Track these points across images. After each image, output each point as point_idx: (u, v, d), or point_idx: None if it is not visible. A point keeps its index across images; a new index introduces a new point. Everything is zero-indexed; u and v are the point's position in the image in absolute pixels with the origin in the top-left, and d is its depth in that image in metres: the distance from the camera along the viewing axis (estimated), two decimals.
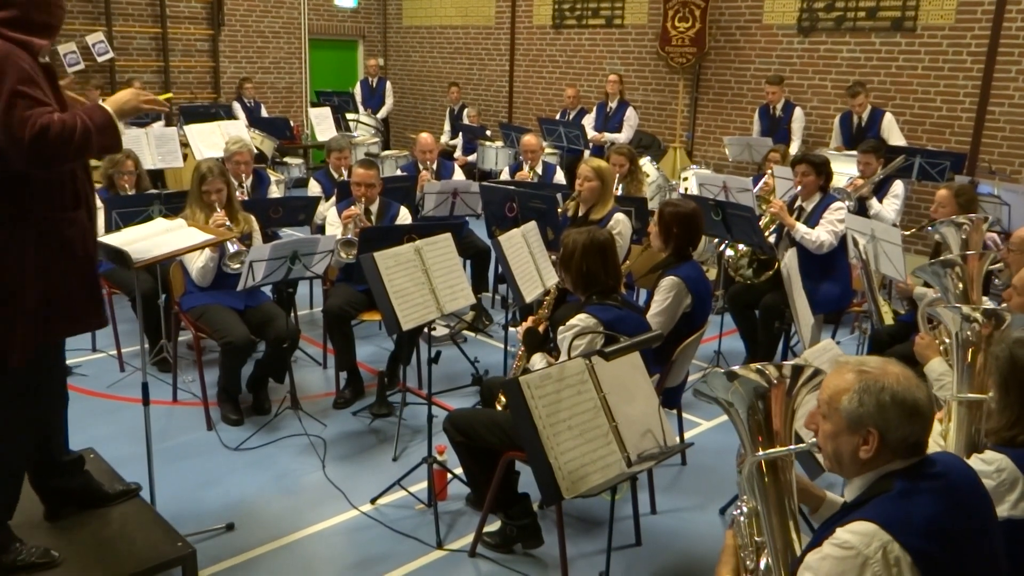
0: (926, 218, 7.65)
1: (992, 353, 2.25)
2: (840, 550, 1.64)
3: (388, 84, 11.86)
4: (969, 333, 2.36)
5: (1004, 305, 3.01)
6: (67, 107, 2.55)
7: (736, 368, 1.91)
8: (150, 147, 7.07)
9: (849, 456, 1.78)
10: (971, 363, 2.37)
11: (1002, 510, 2.08)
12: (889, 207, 6.03)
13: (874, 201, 6.04)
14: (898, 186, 6.13)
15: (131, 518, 3.01)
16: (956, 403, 2.37)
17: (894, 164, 6.23)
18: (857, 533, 1.64)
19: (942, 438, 2.40)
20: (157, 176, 7.76)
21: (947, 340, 2.99)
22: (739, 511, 1.94)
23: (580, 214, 5.05)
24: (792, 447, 1.89)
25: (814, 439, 1.87)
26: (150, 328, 4.86)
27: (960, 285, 2.94)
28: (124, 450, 3.69)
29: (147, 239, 3.11)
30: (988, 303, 3.11)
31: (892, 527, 1.63)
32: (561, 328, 3.22)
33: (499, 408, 3.52)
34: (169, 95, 3.35)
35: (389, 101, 11.76)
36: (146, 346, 3.61)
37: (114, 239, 3.12)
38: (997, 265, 4.05)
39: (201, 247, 3.47)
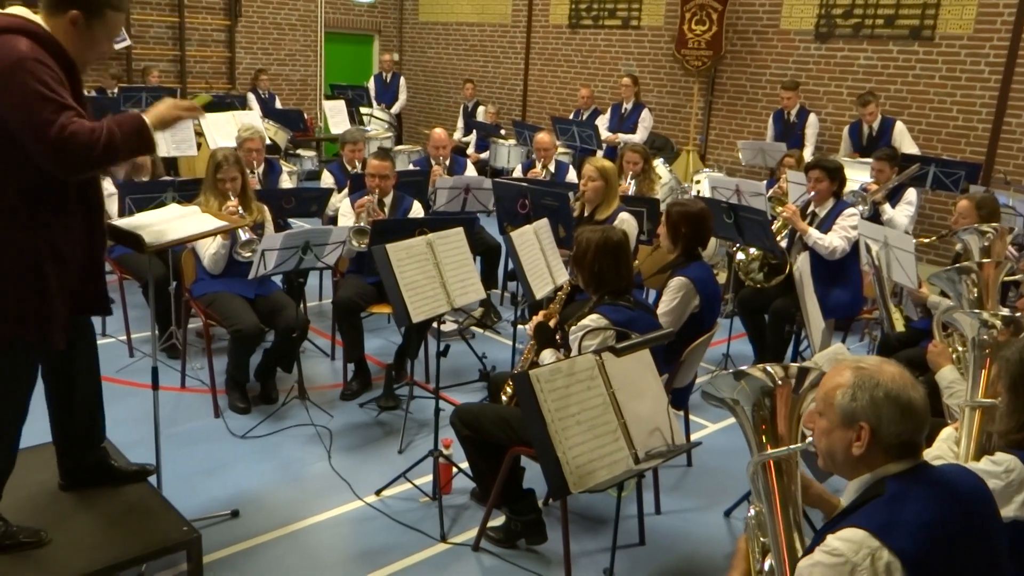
0: (939, 227, 7.63)
1: (1003, 356, 2.25)
2: (830, 557, 1.64)
3: (402, 80, 11.88)
4: (986, 338, 2.35)
5: (1019, 314, 3.00)
6: (87, 109, 2.54)
7: (743, 368, 1.92)
8: (164, 135, 7.08)
9: (842, 453, 1.78)
10: (985, 369, 2.36)
11: (1009, 511, 2.08)
12: (902, 213, 6.01)
13: (887, 206, 6.02)
14: (911, 193, 6.10)
15: (137, 502, 3.01)
16: (969, 409, 2.36)
17: (908, 172, 6.20)
18: (846, 540, 1.63)
19: (956, 445, 2.39)
20: (171, 164, 7.79)
21: (960, 348, 2.98)
22: (750, 513, 1.95)
23: (585, 214, 5.04)
24: (791, 447, 1.89)
25: (811, 437, 1.87)
26: (160, 314, 4.87)
27: (975, 291, 2.93)
28: (132, 434, 3.70)
29: (161, 224, 3.12)
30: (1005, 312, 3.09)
31: (882, 533, 1.62)
32: (572, 328, 3.22)
33: (504, 400, 3.52)
34: (206, 99, 3.36)
35: (403, 97, 11.78)
36: (156, 332, 3.62)
37: (128, 223, 3.13)
38: (1016, 277, 4.02)
39: (214, 233, 3.47)
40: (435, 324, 3.84)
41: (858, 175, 6.44)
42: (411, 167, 7.04)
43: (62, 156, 2.33)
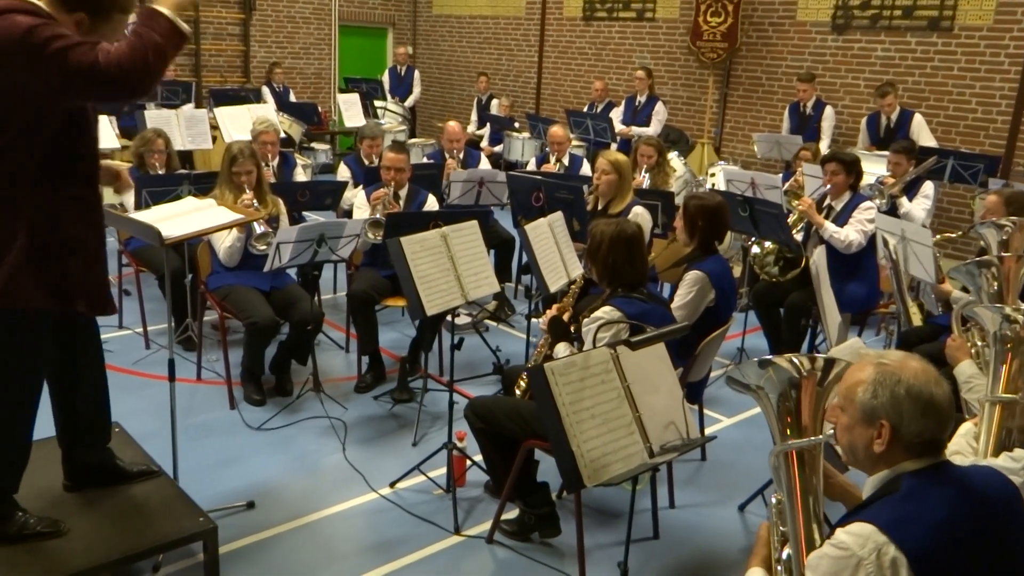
0: (957, 221, 7.56)
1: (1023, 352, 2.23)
2: (836, 550, 1.64)
3: (416, 73, 11.86)
4: (1008, 332, 2.33)
5: None
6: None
7: (769, 356, 1.91)
8: (180, 128, 7.14)
9: (863, 449, 1.77)
10: (1006, 364, 2.34)
11: None
12: (919, 206, 5.96)
13: (904, 200, 5.96)
14: (928, 186, 6.04)
15: (154, 493, 3.03)
16: (988, 404, 2.34)
17: (925, 165, 6.14)
18: (853, 534, 1.63)
19: (975, 440, 2.37)
20: (186, 157, 7.84)
21: (979, 343, 2.95)
22: (773, 501, 1.95)
23: (599, 207, 5.03)
24: (812, 439, 1.88)
25: (833, 430, 1.87)
26: (176, 307, 4.90)
27: (995, 285, 2.90)
28: (148, 426, 3.73)
29: (177, 217, 3.14)
30: None
31: (890, 529, 1.61)
32: (586, 320, 3.21)
33: (518, 394, 3.52)
34: None
35: (417, 90, 11.77)
36: (172, 324, 3.66)
37: (145, 216, 3.15)
38: None
39: (229, 226, 3.49)
40: (449, 317, 3.84)
41: (875, 168, 6.39)
42: (425, 160, 7.05)
43: (122, 79, 2.28)
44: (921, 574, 1.60)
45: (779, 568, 1.91)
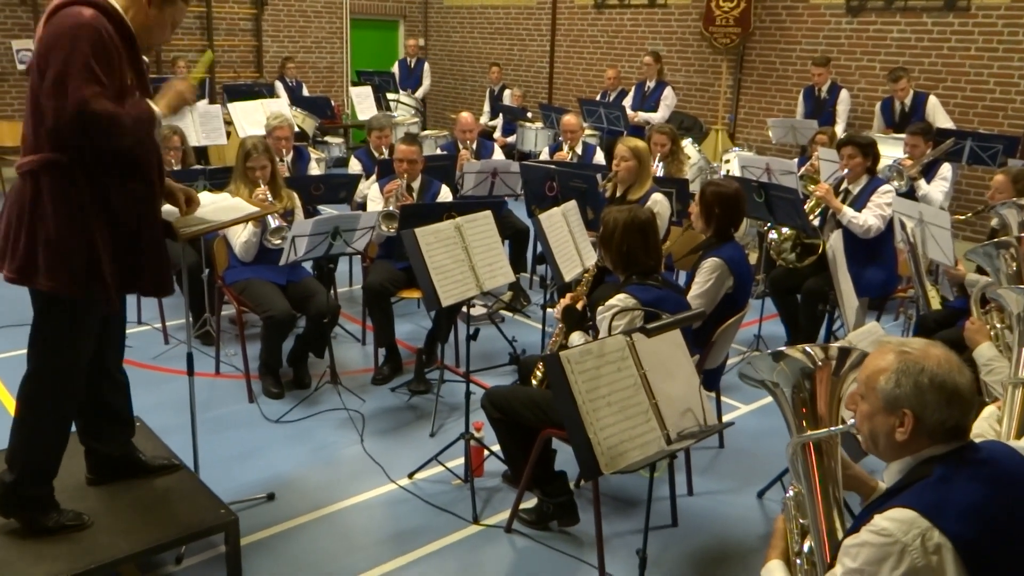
0: (976, 203, 7.48)
1: None
2: (878, 537, 1.60)
3: (426, 65, 11.85)
4: None
5: None
6: (148, 93, 2.62)
7: (782, 348, 1.89)
8: (195, 124, 7.16)
9: (885, 438, 1.73)
10: None
11: None
12: (937, 189, 5.90)
13: (922, 182, 5.91)
14: (946, 168, 5.98)
15: (175, 485, 3.07)
16: (1012, 386, 2.31)
17: (943, 147, 6.08)
18: (895, 520, 1.60)
19: (998, 423, 2.34)
20: (201, 153, 7.87)
21: (999, 325, 2.92)
22: (789, 494, 1.93)
23: (617, 195, 5.01)
24: (832, 428, 1.86)
25: (853, 419, 1.83)
26: (194, 302, 4.93)
27: (1014, 266, 2.86)
28: (168, 420, 3.76)
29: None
30: None
31: (932, 514, 1.58)
32: (600, 308, 3.20)
33: (534, 383, 3.53)
34: (210, 57, 3.34)
35: (426, 82, 11.75)
36: (190, 319, 3.67)
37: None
38: None
39: (245, 220, 3.50)
40: (465, 308, 3.85)
41: (891, 151, 6.33)
42: (439, 152, 7.05)
43: (76, 126, 2.37)
44: (966, 559, 1.56)
45: (798, 561, 1.88)
